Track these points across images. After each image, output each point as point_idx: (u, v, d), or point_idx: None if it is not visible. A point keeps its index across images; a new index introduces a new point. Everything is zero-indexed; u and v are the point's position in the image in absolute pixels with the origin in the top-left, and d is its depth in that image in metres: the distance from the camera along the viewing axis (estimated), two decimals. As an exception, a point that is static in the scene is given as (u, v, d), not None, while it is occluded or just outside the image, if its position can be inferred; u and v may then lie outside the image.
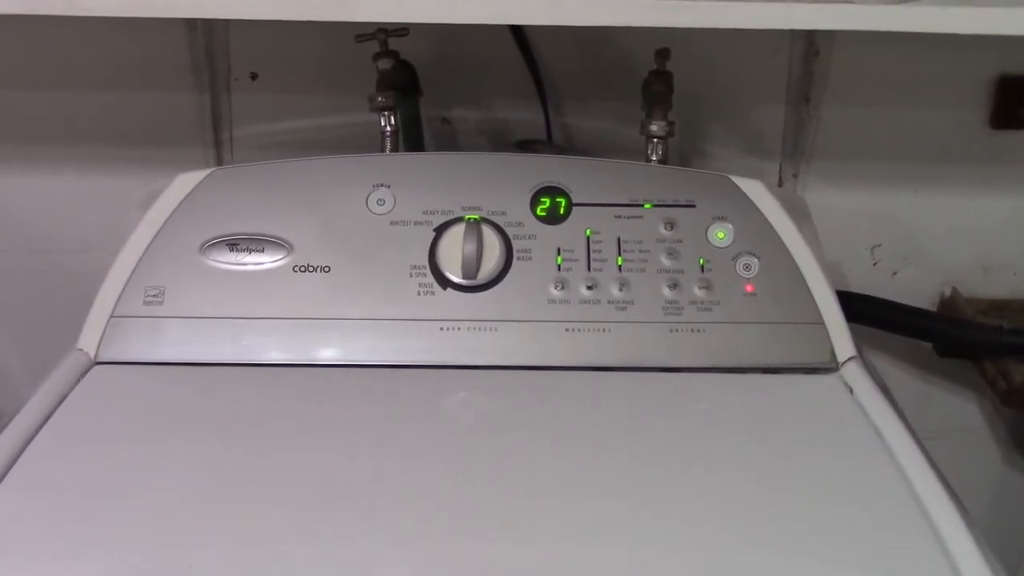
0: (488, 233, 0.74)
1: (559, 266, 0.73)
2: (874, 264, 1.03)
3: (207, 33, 0.94)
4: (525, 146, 0.96)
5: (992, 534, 0.59)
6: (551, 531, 0.56)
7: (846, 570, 0.54)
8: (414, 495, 0.58)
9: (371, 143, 0.84)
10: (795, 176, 0.99)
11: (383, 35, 0.83)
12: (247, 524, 0.56)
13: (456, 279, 0.73)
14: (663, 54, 0.82)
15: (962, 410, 1.08)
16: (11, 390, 1.08)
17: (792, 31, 0.93)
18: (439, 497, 0.58)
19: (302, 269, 0.73)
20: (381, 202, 0.75)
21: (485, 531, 0.56)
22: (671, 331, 0.72)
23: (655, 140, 0.82)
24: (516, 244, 0.74)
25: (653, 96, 0.82)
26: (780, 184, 0.99)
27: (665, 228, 0.74)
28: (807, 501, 0.59)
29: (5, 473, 0.58)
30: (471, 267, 0.72)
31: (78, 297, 0.73)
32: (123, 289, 0.72)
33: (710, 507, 0.58)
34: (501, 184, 0.75)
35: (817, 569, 0.54)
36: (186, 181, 0.75)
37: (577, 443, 0.64)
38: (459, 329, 0.72)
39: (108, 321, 0.71)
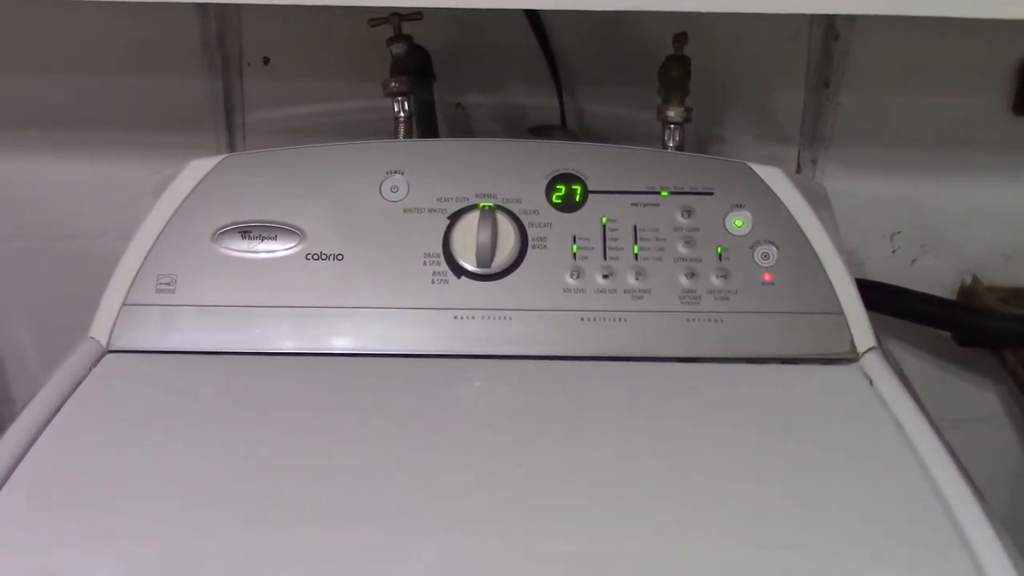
0: (503, 221, 0.73)
1: (575, 254, 0.73)
2: (893, 252, 1.02)
3: (219, 18, 0.93)
4: (539, 132, 0.95)
5: (1010, 523, 0.59)
6: (568, 524, 0.55)
7: (867, 561, 0.53)
8: (429, 486, 0.58)
9: (384, 129, 0.84)
10: (814, 162, 0.98)
11: (397, 19, 0.82)
12: (259, 514, 0.55)
13: (470, 267, 0.72)
14: (681, 39, 0.81)
15: (981, 399, 1.07)
16: (27, 375, 1.09)
17: (812, 15, 0.92)
18: (453, 488, 0.57)
19: (315, 257, 0.72)
20: (395, 189, 0.74)
21: (501, 523, 0.55)
22: (688, 320, 0.71)
23: (672, 126, 0.81)
24: (531, 232, 0.73)
25: (670, 82, 0.81)
26: (798, 170, 0.98)
27: (682, 216, 0.74)
28: (827, 493, 0.58)
29: (17, 462, 0.58)
30: (486, 255, 0.72)
31: (92, 282, 0.73)
32: (135, 277, 0.71)
33: (729, 501, 0.57)
34: (516, 171, 0.75)
35: (838, 561, 0.53)
36: (198, 167, 0.74)
37: (593, 434, 0.63)
38: (473, 318, 0.71)
39: (120, 309, 0.71)
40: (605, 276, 0.72)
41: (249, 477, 0.58)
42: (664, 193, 0.74)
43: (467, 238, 0.72)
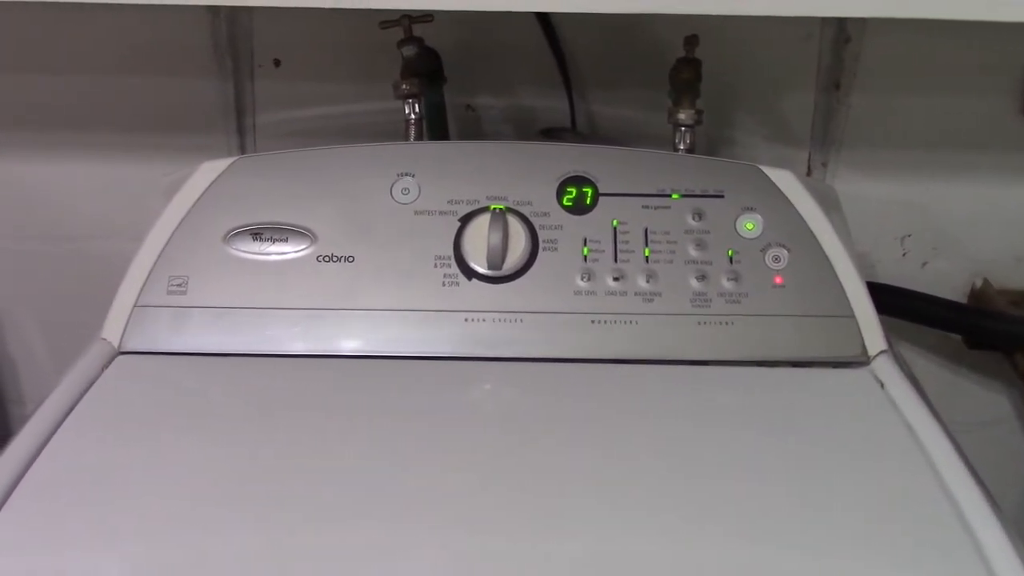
0: (514, 223, 0.73)
1: (585, 257, 0.73)
2: (904, 254, 1.02)
3: (230, 20, 0.93)
4: (550, 134, 0.95)
5: (1021, 527, 0.59)
6: (575, 525, 0.55)
7: (877, 563, 0.53)
8: (437, 487, 0.58)
9: (395, 131, 0.84)
10: (824, 165, 0.98)
11: (407, 21, 0.82)
12: (272, 516, 0.55)
13: (481, 270, 0.72)
14: (692, 41, 0.81)
15: (992, 403, 1.07)
16: (38, 376, 1.09)
17: (823, 18, 0.92)
18: (461, 489, 0.57)
19: (326, 259, 0.72)
20: (406, 191, 0.74)
21: (508, 524, 0.55)
22: (699, 323, 0.71)
23: (683, 129, 0.81)
24: (542, 234, 0.73)
25: (681, 84, 0.81)
26: (809, 173, 0.98)
27: (693, 219, 0.74)
28: (838, 496, 0.58)
29: (30, 463, 0.58)
30: (496, 258, 0.72)
31: (103, 283, 0.73)
32: (147, 278, 0.72)
33: (737, 503, 0.57)
34: (527, 173, 0.75)
35: (848, 564, 0.53)
36: (210, 169, 0.74)
37: (602, 436, 0.63)
38: (484, 320, 0.71)
39: (132, 311, 0.71)
40: (616, 279, 0.72)
41: (261, 479, 0.58)
42: (675, 196, 0.74)
43: (478, 240, 0.72)
